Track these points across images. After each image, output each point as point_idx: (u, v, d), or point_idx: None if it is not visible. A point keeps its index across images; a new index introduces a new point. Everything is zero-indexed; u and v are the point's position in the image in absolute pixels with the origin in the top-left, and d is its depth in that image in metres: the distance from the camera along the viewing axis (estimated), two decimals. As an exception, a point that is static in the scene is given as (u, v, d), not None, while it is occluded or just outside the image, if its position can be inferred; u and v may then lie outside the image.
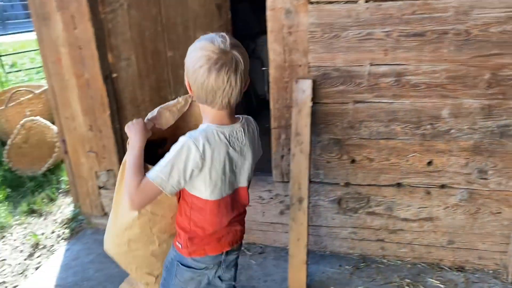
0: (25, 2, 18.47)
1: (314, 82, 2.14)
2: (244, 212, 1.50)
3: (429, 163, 2.17)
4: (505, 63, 1.90)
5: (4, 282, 2.50)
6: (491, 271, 2.31)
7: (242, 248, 2.60)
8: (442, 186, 2.20)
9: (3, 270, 2.61)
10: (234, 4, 3.59)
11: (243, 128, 1.34)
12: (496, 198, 2.16)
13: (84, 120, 2.69)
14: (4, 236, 2.96)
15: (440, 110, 2.05)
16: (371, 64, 2.05)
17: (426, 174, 2.19)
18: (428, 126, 2.09)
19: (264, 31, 5.17)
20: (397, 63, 2.02)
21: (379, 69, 2.05)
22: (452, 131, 2.08)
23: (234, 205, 1.39)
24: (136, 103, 2.85)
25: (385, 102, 2.10)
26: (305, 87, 2.13)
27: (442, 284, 2.24)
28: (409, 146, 2.16)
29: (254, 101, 4.61)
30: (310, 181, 2.29)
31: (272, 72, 2.20)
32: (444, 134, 2.09)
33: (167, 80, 3.07)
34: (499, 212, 2.19)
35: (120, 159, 2.73)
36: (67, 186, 3.47)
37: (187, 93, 1.37)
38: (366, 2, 1.95)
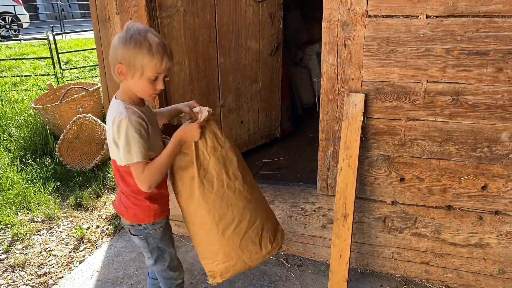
0: (82, 2, 19.31)
1: (366, 96, 2.10)
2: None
3: (484, 187, 2.07)
4: None
5: (49, 273, 2.59)
6: (544, 306, 2.17)
7: (281, 259, 2.58)
8: (496, 213, 2.10)
9: (50, 260, 2.71)
10: (285, 12, 3.59)
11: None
12: (555, 229, 2.04)
13: (134, 121, 2.75)
14: (52, 228, 3.08)
15: (500, 133, 1.96)
16: (428, 81, 1.98)
17: (479, 198, 2.10)
18: (485, 149, 2.00)
19: (312, 41, 5.16)
20: (456, 81, 1.94)
21: (436, 87, 1.98)
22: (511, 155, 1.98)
23: None
24: (185, 107, 2.90)
25: (441, 121, 2.03)
26: (357, 101, 2.09)
27: (490, 315, 2.13)
28: (463, 168, 2.07)
29: (299, 110, 4.59)
30: (356, 197, 2.24)
31: (324, 83, 2.18)
32: (502, 158, 1.99)
33: (217, 86, 3.10)
34: (558, 245, 2.06)
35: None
36: (113, 183, 3.57)
37: (236, 99, 1.74)
38: (427, 17, 1.89)
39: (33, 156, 4.01)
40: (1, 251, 2.82)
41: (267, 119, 3.69)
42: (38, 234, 3.00)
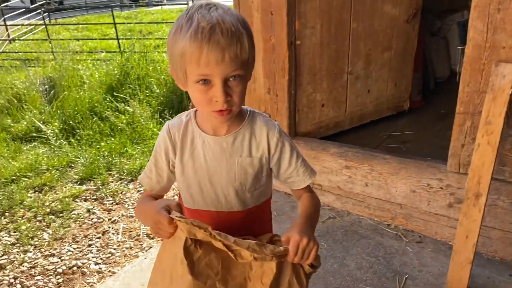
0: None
1: (518, 67, 1.89)
2: None
3: None
4: None
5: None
6: None
7: (399, 233, 2.52)
8: None
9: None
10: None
11: None
12: None
13: (264, 83, 2.85)
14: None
15: None
16: None
17: None
18: None
19: (453, 9, 4.74)
20: None
21: None
22: None
23: None
24: (313, 71, 2.91)
25: None
26: (507, 72, 1.89)
27: None
28: None
29: (432, 83, 4.30)
30: (492, 177, 2.07)
31: (469, 51, 2.00)
32: None
33: (346, 51, 3.05)
34: None
35: (290, 123, 2.86)
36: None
37: (365, 66, 0.98)
38: None
39: (170, 112, 4.40)
40: (142, 191, 3.19)
41: (396, 90, 3.53)
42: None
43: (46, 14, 13.31)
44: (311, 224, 1.13)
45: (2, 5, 12.19)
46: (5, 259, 2.61)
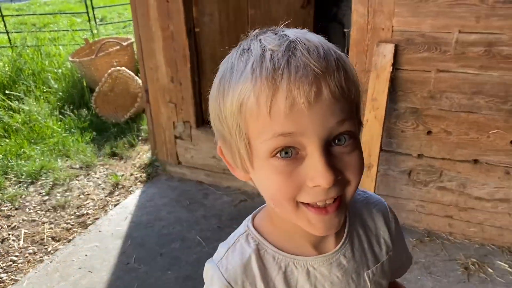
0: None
1: (396, 47, 2.07)
2: None
3: (513, 141, 2.05)
4: None
5: (87, 214, 2.77)
6: None
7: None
8: (524, 167, 2.08)
9: (87, 203, 2.89)
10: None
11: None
12: None
13: (166, 72, 2.82)
14: (89, 174, 3.25)
15: (533, 85, 1.91)
16: (460, 32, 1.94)
17: (507, 152, 2.08)
18: (517, 102, 1.97)
19: (347, -5, 5.00)
20: (490, 31, 1.89)
21: (468, 38, 1.94)
22: (544, 109, 1.93)
23: None
24: (215, 59, 2.94)
25: (471, 73, 1.99)
26: (387, 51, 2.07)
27: (510, 268, 2.15)
28: (492, 122, 2.04)
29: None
30: (381, 149, 2.26)
31: (353, 34, 2.16)
32: (534, 111, 1.96)
33: (247, 38, 3.11)
34: None
35: (196, 112, 2.86)
36: (146, 134, 3.70)
37: None
38: (463, -37, 1.83)
39: (71, 108, 4.17)
40: (44, 193, 3.01)
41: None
42: (76, 179, 3.18)
43: None
44: None
45: None
46: None
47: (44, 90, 4.59)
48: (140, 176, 3.17)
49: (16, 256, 2.46)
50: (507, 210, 2.20)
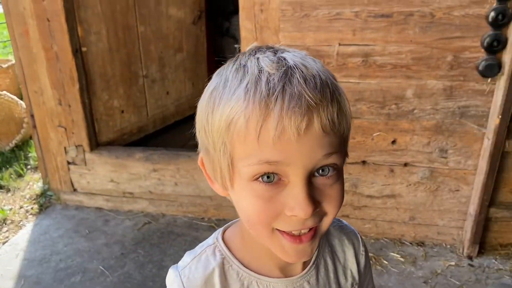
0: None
1: (284, 60, 2.17)
2: None
3: (393, 142, 2.25)
4: (466, 45, 1.98)
5: (-30, 257, 2.47)
6: (448, 246, 2.43)
7: (212, 224, 2.66)
8: (405, 164, 2.29)
9: (-31, 244, 2.58)
10: (209, -19, 3.57)
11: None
12: (455, 176, 2.27)
13: (53, 94, 2.65)
14: (-30, 211, 2.92)
15: (405, 90, 2.12)
16: (340, 44, 2.09)
17: (390, 152, 2.28)
18: (393, 106, 2.16)
19: (238, 10, 5.16)
20: (365, 43, 2.07)
21: (347, 49, 2.10)
22: (416, 111, 2.15)
23: None
24: (106, 78, 2.83)
25: (353, 82, 2.16)
26: (275, 65, 2.16)
27: (402, 258, 2.34)
28: (374, 125, 2.23)
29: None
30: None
31: (243, 49, 2.21)
32: (407, 114, 2.17)
33: (138, 55, 3.04)
34: (458, 190, 2.30)
35: (89, 134, 2.72)
36: (36, 162, 3.42)
37: (159, 69, 0.53)
38: (336, -18, 1.98)
39: None
40: None
41: (194, 89, 3.68)
42: (-46, 219, 2.83)
43: None
44: None
45: None
46: None
47: None
48: (31, 208, 2.91)
49: None
50: (394, 205, 2.40)
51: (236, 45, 2.88)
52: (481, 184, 2.18)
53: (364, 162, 2.33)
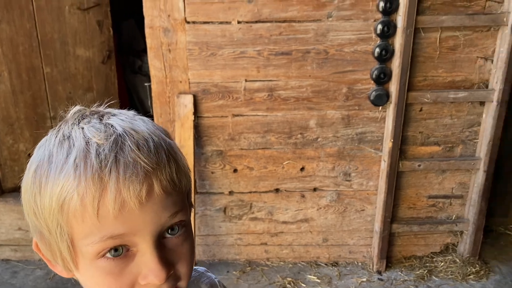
0: None
1: (195, 97, 2.25)
2: None
3: (302, 169, 2.39)
4: (358, 78, 2.20)
5: None
6: (360, 263, 2.60)
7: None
8: (314, 189, 2.44)
9: None
10: (120, 20, 3.58)
11: None
12: (359, 197, 2.46)
13: None
14: None
15: (308, 121, 2.29)
16: (246, 80, 2.22)
17: (299, 179, 2.42)
18: (299, 136, 2.32)
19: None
20: (269, 79, 2.22)
21: (253, 85, 2.23)
22: (319, 139, 2.33)
23: None
24: (10, 121, 2.71)
25: (261, 115, 2.29)
26: (187, 101, 2.23)
27: (319, 279, 2.46)
28: (283, 154, 2.36)
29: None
30: (196, 192, 2.38)
31: (154, 87, 2.26)
32: (312, 142, 2.34)
33: (45, 97, 2.95)
34: (363, 210, 2.49)
35: (-7, 182, 2.56)
36: None
37: (69, 108, 0.59)
38: (239, 23, 2.12)
39: None
40: None
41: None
42: None
43: None
44: None
45: None
46: None
47: None
48: None
49: None
50: (308, 228, 2.53)
51: (146, 84, 2.92)
52: (382, 203, 2.39)
53: (277, 190, 2.44)
